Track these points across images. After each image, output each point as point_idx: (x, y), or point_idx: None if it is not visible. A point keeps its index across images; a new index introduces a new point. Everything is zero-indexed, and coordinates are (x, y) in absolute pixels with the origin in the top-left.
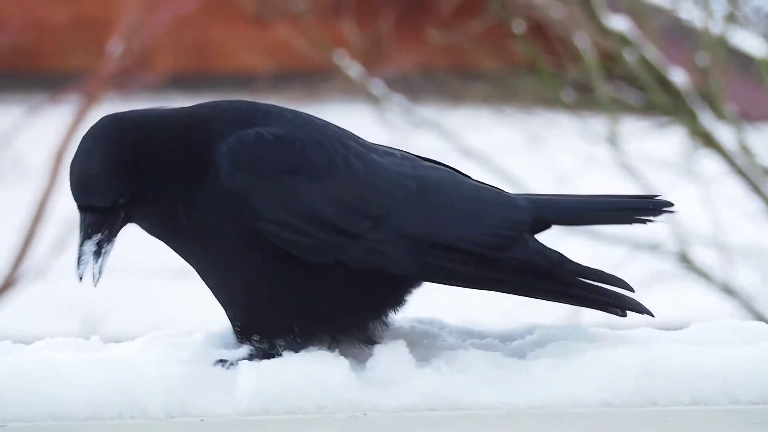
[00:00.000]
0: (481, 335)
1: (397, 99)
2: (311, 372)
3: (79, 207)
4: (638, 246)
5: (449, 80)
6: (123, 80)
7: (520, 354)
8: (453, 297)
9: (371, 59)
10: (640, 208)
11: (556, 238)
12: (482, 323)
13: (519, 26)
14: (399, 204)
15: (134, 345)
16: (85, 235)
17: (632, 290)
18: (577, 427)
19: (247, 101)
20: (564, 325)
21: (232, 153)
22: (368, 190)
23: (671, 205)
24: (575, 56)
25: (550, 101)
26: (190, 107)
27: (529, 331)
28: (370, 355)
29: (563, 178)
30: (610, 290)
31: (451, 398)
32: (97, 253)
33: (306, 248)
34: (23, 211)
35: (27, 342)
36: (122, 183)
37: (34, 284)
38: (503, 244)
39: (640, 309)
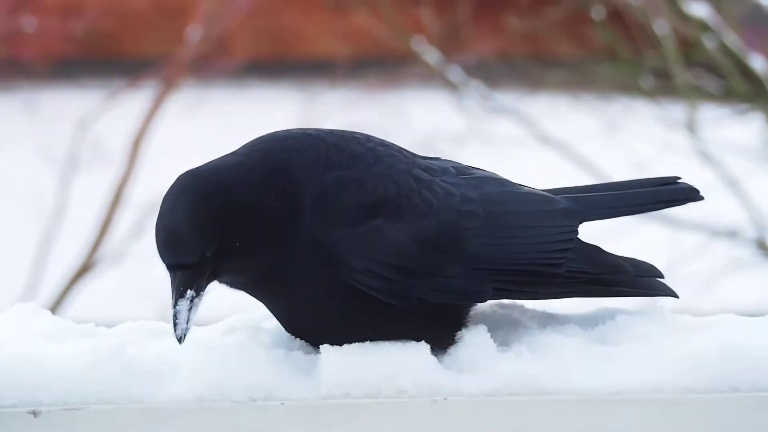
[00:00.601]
0: (562, 320)
1: (475, 85)
2: (392, 356)
3: (168, 266)
4: (716, 233)
5: (527, 67)
6: (201, 66)
7: (602, 339)
8: None
9: (449, 46)
10: (670, 200)
11: (632, 226)
12: (563, 308)
13: (598, 13)
14: (472, 235)
15: (216, 328)
16: (178, 294)
17: (662, 276)
18: (659, 413)
19: (312, 135)
20: (645, 310)
21: (316, 204)
22: (446, 226)
23: (697, 192)
24: (654, 43)
25: (629, 88)
26: (261, 150)
27: (611, 316)
28: None
29: (641, 165)
30: (646, 281)
31: (533, 383)
32: (189, 309)
33: (392, 294)
34: (101, 195)
35: (108, 325)
36: (207, 237)
37: (112, 268)
38: (561, 258)
39: (669, 292)
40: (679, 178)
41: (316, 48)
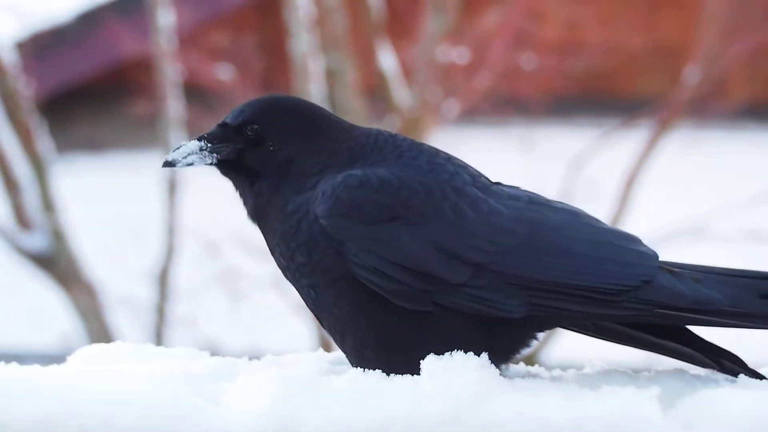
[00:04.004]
0: None
1: None
2: None
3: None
4: None
5: None
6: (697, 108)
7: None
8: None
9: None
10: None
11: None
12: None
13: None
14: (506, 250)
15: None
16: (200, 137)
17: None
18: None
19: (386, 134)
20: None
21: (334, 194)
22: (473, 238)
23: None
24: None
25: None
26: (354, 129)
27: None
28: None
29: None
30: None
31: None
32: (195, 152)
33: (401, 295)
34: None
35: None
36: (258, 120)
37: None
38: (617, 291)
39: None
40: None
41: None
